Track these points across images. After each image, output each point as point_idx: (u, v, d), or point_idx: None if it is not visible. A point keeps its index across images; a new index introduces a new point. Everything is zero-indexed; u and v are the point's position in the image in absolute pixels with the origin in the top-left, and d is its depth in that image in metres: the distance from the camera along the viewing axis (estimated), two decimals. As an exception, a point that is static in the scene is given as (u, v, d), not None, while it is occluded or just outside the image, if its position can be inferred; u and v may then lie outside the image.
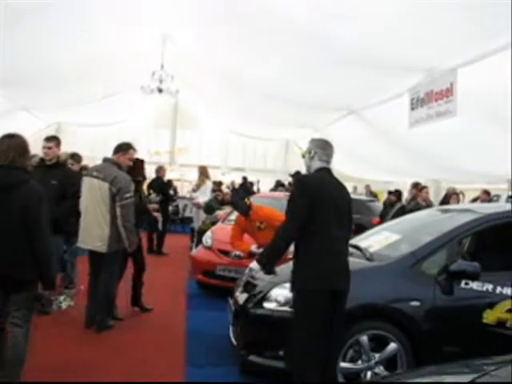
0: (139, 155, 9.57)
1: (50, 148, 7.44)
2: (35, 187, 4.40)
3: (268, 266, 4.68)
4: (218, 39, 12.76)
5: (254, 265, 4.62)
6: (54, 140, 7.58)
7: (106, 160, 7.12)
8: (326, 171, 4.73)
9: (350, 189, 6.59)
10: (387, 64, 9.94)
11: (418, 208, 9.78)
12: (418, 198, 10.70)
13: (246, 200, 7.76)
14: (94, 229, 6.74)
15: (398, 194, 12.64)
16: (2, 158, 4.35)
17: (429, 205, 10.71)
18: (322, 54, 10.56)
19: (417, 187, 11.26)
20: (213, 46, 13.54)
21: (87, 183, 6.89)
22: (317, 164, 4.73)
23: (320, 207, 4.39)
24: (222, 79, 15.48)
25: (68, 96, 16.43)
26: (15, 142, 4.48)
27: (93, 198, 6.79)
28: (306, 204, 4.37)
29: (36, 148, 18.57)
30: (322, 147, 4.80)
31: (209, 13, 11.29)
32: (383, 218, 11.59)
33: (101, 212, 6.71)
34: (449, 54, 8.97)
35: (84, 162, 19.09)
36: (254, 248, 7.62)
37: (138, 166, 7.77)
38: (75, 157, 9.10)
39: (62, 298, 7.70)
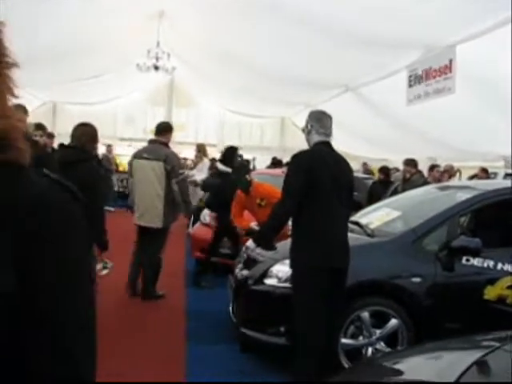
0: (135, 133, 9.85)
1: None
2: (95, 167, 5.89)
3: (264, 244, 4.68)
4: (214, 16, 12.63)
5: (249, 243, 4.65)
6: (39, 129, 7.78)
7: (152, 141, 7.45)
8: (324, 144, 4.54)
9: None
10: (385, 41, 9.85)
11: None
12: (429, 178, 10.17)
13: (247, 176, 7.73)
14: (152, 209, 7.22)
15: (385, 171, 11.83)
16: (75, 142, 5.68)
17: None
18: (319, 30, 10.46)
19: (432, 169, 10.47)
20: (209, 23, 13.43)
21: (138, 165, 7.26)
22: (314, 138, 4.55)
23: (317, 183, 4.26)
24: (217, 57, 15.36)
25: (63, 74, 16.30)
26: (87, 130, 5.81)
27: (146, 178, 7.18)
28: (301, 180, 4.27)
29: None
30: (318, 120, 4.58)
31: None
32: (371, 197, 10.59)
33: (155, 191, 7.15)
34: (447, 31, 8.89)
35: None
36: (253, 225, 7.60)
37: None
38: (43, 128, 8.22)
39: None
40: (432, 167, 10.36)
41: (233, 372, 5.12)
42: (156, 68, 15.72)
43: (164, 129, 7.53)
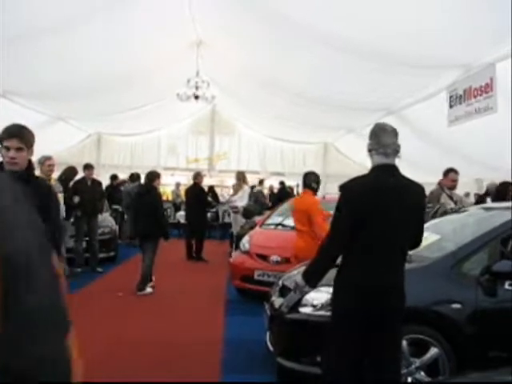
0: (178, 163, 12.68)
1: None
2: (159, 193, 10.40)
3: (313, 282, 4.15)
4: (252, 43, 12.71)
5: (299, 280, 4.14)
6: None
7: None
8: (382, 169, 3.86)
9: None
10: (425, 62, 9.70)
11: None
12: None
13: None
14: None
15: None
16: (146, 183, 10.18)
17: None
18: (358, 55, 10.37)
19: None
20: (247, 50, 13.52)
21: None
22: (375, 160, 3.89)
23: (364, 219, 3.74)
24: (257, 83, 15.42)
25: (105, 106, 16.63)
26: (153, 173, 10.14)
27: None
28: (348, 218, 3.78)
29: (82, 158, 19.13)
30: (376, 136, 3.90)
31: (241, 17, 11.25)
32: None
33: None
34: (486, 49, 8.69)
35: (125, 171, 19.56)
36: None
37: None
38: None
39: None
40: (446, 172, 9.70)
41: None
42: (196, 97, 15.84)
43: None
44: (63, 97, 14.33)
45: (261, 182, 20.33)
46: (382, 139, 3.84)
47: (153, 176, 9.95)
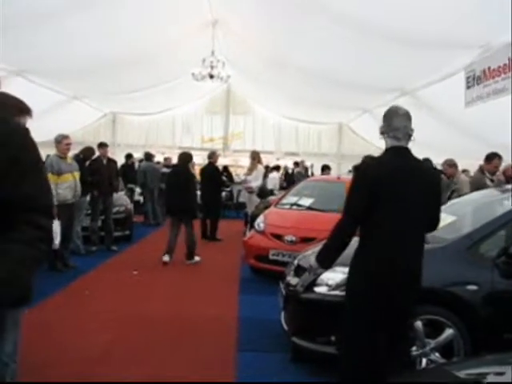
0: (192, 142, 13.64)
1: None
2: (192, 173, 11.32)
3: (325, 265, 4.20)
4: (268, 22, 12.60)
5: (313, 262, 4.20)
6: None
7: None
8: (395, 151, 3.91)
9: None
10: (441, 42, 9.58)
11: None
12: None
13: None
14: None
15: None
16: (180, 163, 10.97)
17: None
18: (373, 34, 10.28)
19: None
20: (263, 30, 13.41)
21: None
22: (388, 143, 3.95)
23: (379, 200, 3.77)
24: (273, 63, 15.33)
25: (121, 85, 16.62)
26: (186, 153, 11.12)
27: None
28: (363, 198, 3.80)
29: (98, 137, 19.30)
30: (388, 119, 3.94)
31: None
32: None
33: None
34: (505, 28, 8.56)
35: (139, 150, 19.62)
36: None
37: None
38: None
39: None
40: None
41: (283, 381, 5.04)
42: (211, 76, 15.78)
43: None
44: (79, 76, 14.34)
45: (276, 168, 19.91)
46: (393, 122, 3.89)
47: (186, 157, 10.91)
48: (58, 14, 9.96)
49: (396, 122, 3.89)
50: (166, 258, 10.28)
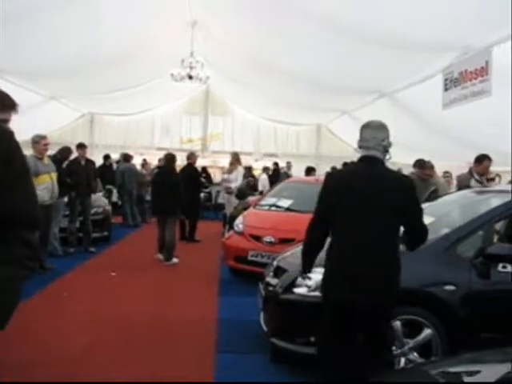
0: (171, 143, 13.74)
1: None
2: (177, 173, 11.40)
3: (306, 267, 4.32)
4: (246, 24, 12.60)
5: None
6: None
7: None
8: (364, 160, 4.05)
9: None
10: (419, 44, 9.66)
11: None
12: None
13: None
14: None
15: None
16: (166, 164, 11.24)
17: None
18: (352, 36, 10.32)
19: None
20: (242, 32, 13.41)
21: None
22: (360, 153, 4.13)
23: (339, 206, 3.93)
24: (251, 65, 15.33)
25: (99, 86, 16.49)
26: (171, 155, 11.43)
27: None
28: (326, 203, 4.02)
29: (75, 138, 19.16)
30: (360, 132, 4.14)
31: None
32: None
33: None
34: (482, 32, 8.66)
35: (117, 151, 19.49)
36: None
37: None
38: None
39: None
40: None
41: (262, 382, 5.04)
42: (190, 77, 15.75)
43: None
44: (56, 76, 14.21)
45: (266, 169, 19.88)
46: (363, 134, 4.09)
47: (172, 157, 11.32)
48: (35, 13, 9.86)
49: (365, 134, 4.08)
50: (160, 256, 10.57)
